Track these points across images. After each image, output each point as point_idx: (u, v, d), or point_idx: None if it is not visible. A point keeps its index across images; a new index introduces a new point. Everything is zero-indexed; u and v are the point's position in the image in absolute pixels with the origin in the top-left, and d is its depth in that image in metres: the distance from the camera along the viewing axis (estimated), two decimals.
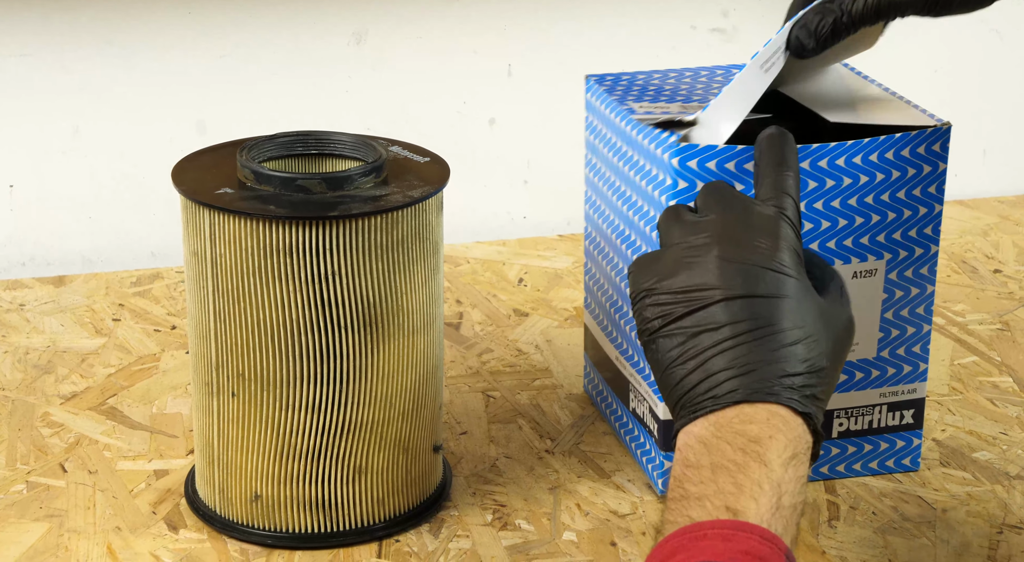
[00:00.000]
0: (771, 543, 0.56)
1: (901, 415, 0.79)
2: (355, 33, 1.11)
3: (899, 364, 0.78)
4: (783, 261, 0.62)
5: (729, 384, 0.60)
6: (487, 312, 1.00)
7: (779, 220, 0.63)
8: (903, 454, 0.80)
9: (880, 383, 0.78)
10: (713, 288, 0.61)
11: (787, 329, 0.60)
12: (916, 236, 0.75)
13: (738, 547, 0.55)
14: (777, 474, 0.58)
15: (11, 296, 1.01)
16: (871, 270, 0.75)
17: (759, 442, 0.58)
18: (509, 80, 1.15)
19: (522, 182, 1.18)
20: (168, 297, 1.01)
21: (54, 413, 0.85)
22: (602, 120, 0.80)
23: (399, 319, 0.71)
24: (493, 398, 0.88)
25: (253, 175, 0.70)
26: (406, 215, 0.70)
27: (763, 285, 0.61)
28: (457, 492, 0.78)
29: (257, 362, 0.70)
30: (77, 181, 1.09)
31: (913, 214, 0.75)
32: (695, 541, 0.56)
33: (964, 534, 0.75)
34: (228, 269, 0.69)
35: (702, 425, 0.60)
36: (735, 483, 0.57)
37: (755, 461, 0.58)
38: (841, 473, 0.79)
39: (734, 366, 0.60)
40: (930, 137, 0.73)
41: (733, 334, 0.60)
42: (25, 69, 1.05)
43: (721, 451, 0.59)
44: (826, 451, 0.78)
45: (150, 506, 0.76)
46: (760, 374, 0.60)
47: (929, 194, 0.75)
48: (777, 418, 0.59)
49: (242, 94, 1.10)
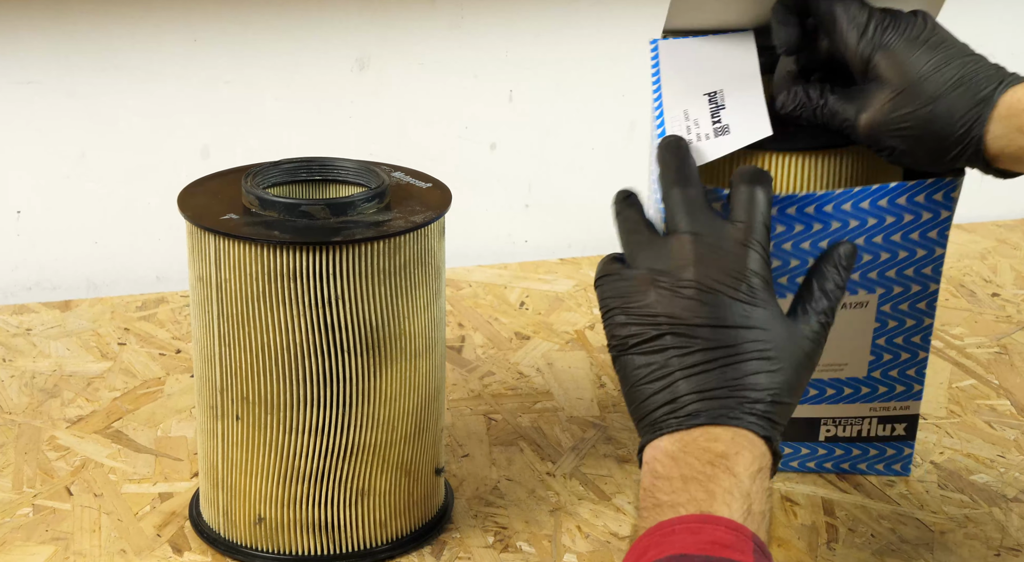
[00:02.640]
0: (737, 531, 0.58)
1: (892, 428, 0.79)
2: (358, 59, 1.12)
3: (891, 384, 0.78)
4: (752, 290, 0.63)
5: (694, 406, 0.62)
6: (489, 335, 1.01)
7: (748, 247, 0.64)
8: (893, 460, 0.80)
9: (870, 398, 0.78)
10: (684, 315, 0.63)
11: (751, 358, 0.62)
12: (913, 275, 0.75)
13: (705, 538, 0.57)
14: (746, 484, 0.60)
15: (18, 320, 1.02)
16: (862, 303, 0.75)
17: (726, 457, 0.61)
18: (510, 105, 1.16)
19: (523, 206, 1.18)
20: (173, 321, 1.02)
21: (60, 437, 0.86)
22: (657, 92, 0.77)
23: (401, 343, 0.71)
24: (495, 421, 0.89)
25: (258, 201, 0.71)
26: (408, 240, 0.70)
27: (731, 315, 0.63)
28: (459, 514, 0.78)
29: (261, 385, 0.70)
30: (83, 206, 1.10)
31: (910, 256, 0.74)
32: (665, 537, 0.58)
33: (962, 556, 0.75)
34: (233, 294, 0.70)
35: (668, 441, 0.62)
36: (707, 491, 0.59)
37: (724, 472, 0.60)
38: (827, 470, 0.80)
39: (700, 390, 0.62)
40: (931, 187, 0.72)
41: (701, 360, 0.62)
42: (32, 96, 1.06)
43: (690, 464, 0.61)
44: (812, 451, 0.79)
45: (155, 529, 0.77)
46: (724, 401, 0.62)
47: (929, 238, 0.74)
48: (742, 437, 0.61)
49: (246, 120, 1.11)
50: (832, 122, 0.71)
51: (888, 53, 0.69)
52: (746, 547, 0.57)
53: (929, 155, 0.69)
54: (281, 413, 0.71)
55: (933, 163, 0.70)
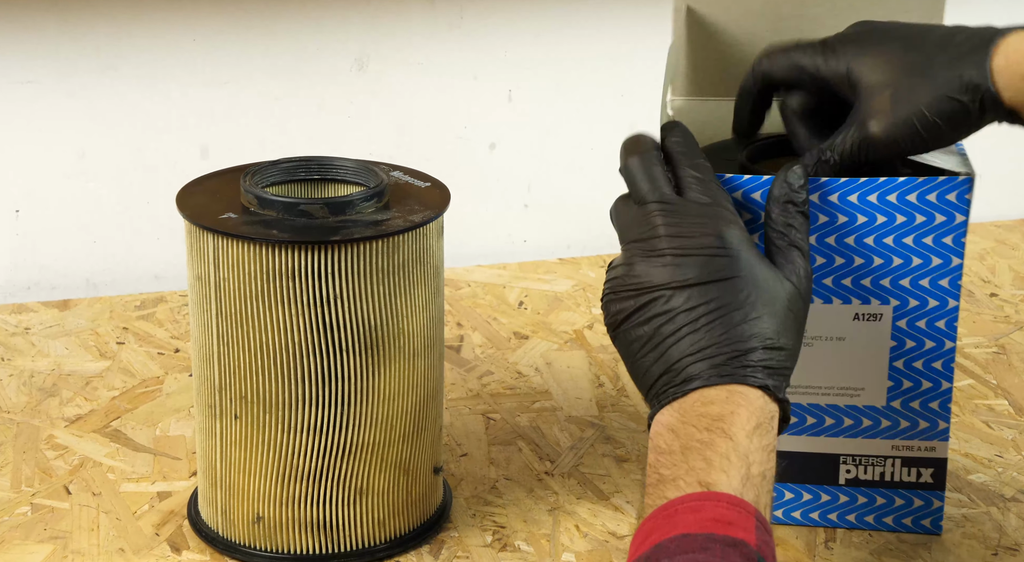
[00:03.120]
0: (739, 507, 0.58)
1: (919, 472, 0.75)
2: (357, 59, 1.12)
3: (914, 418, 0.75)
4: (728, 242, 0.64)
5: (688, 371, 0.63)
6: (487, 335, 1.01)
7: (715, 205, 0.65)
8: (922, 513, 0.76)
9: (892, 434, 0.75)
10: (663, 281, 0.64)
11: (737, 308, 0.63)
12: (929, 286, 0.72)
13: (707, 516, 0.58)
14: (743, 446, 0.60)
15: (16, 320, 1.02)
16: (875, 314, 0.73)
17: (722, 419, 0.61)
18: (509, 105, 1.16)
19: (522, 206, 1.19)
20: (171, 320, 1.02)
21: (58, 436, 0.86)
22: None
23: (400, 342, 0.72)
24: (493, 420, 0.89)
25: (256, 200, 0.71)
26: (407, 239, 0.71)
27: (710, 270, 0.64)
28: (457, 513, 0.78)
29: (260, 384, 0.71)
30: (82, 206, 1.10)
31: (924, 263, 0.72)
32: (667, 519, 0.58)
33: (960, 556, 0.75)
34: (231, 293, 0.70)
35: (668, 413, 0.63)
36: (704, 459, 0.60)
37: (720, 437, 0.61)
38: (851, 523, 0.77)
39: (691, 352, 0.63)
40: (944, 186, 0.70)
41: (687, 320, 0.63)
42: (31, 95, 1.06)
43: (688, 434, 0.61)
44: (833, 498, 0.76)
45: (153, 528, 0.77)
46: (714, 358, 0.62)
47: (944, 244, 0.71)
48: (736, 395, 0.62)
49: (245, 119, 1.11)
50: (859, 156, 0.69)
51: (861, 58, 0.69)
52: (748, 524, 0.58)
53: (951, 128, 0.67)
54: (279, 412, 0.71)
55: (960, 133, 0.68)
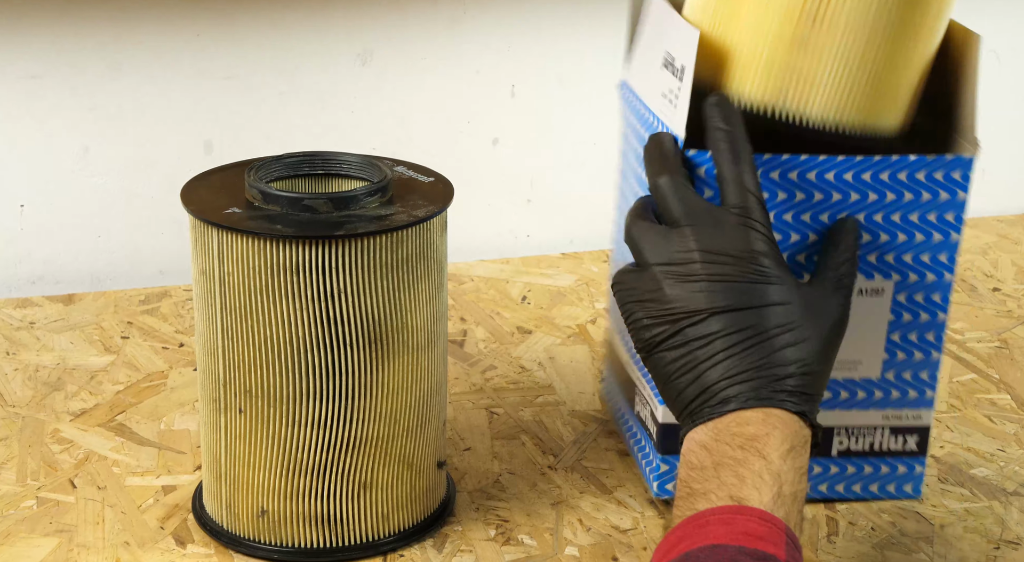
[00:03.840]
0: (770, 523, 0.59)
1: (904, 440, 0.78)
2: (360, 54, 1.12)
3: (904, 388, 0.77)
4: (761, 269, 0.64)
5: (725, 393, 0.63)
6: (490, 329, 1.01)
7: (748, 228, 0.65)
8: (904, 479, 0.79)
9: (884, 405, 0.77)
10: (699, 306, 0.64)
11: (775, 335, 0.63)
12: (929, 261, 0.75)
13: (738, 529, 0.58)
14: (776, 465, 0.61)
15: (21, 314, 1.02)
16: (878, 289, 0.75)
17: (757, 439, 0.61)
18: (512, 100, 1.16)
19: (525, 201, 1.19)
20: (176, 315, 1.02)
21: (63, 430, 0.86)
22: (631, 127, 0.81)
23: (403, 336, 0.72)
24: (496, 415, 0.89)
25: (261, 195, 0.71)
26: (410, 234, 0.71)
27: (745, 297, 0.64)
28: (461, 507, 0.79)
29: (264, 379, 0.71)
30: (86, 201, 1.10)
31: (927, 239, 0.74)
32: (698, 528, 0.59)
33: (962, 550, 0.76)
34: (236, 287, 0.70)
35: (702, 431, 0.63)
36: (737, 475, 0.60)
37: (754, 455, 0.61)
38: (839, 493, 0.79)
39: (728, 376, 0.63)
40: (950, 165, 0.72)
41: (725, 346, 0.63)
42: (35, 90, 1.07)
43: (721, 451, 0.61)
44: (825, 469, 0.79)
45: (158, 521, 0.77)
46: (753, 382, 0.63)
47: (945, 221, 0.74)
48: (773, 417, 0.62)
49: (249, 114, 1.11)
50: None
51: None
52: (779, 539, 0.58)
53: None
54: (284, 406, 0.71)
55: None
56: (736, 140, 0.68)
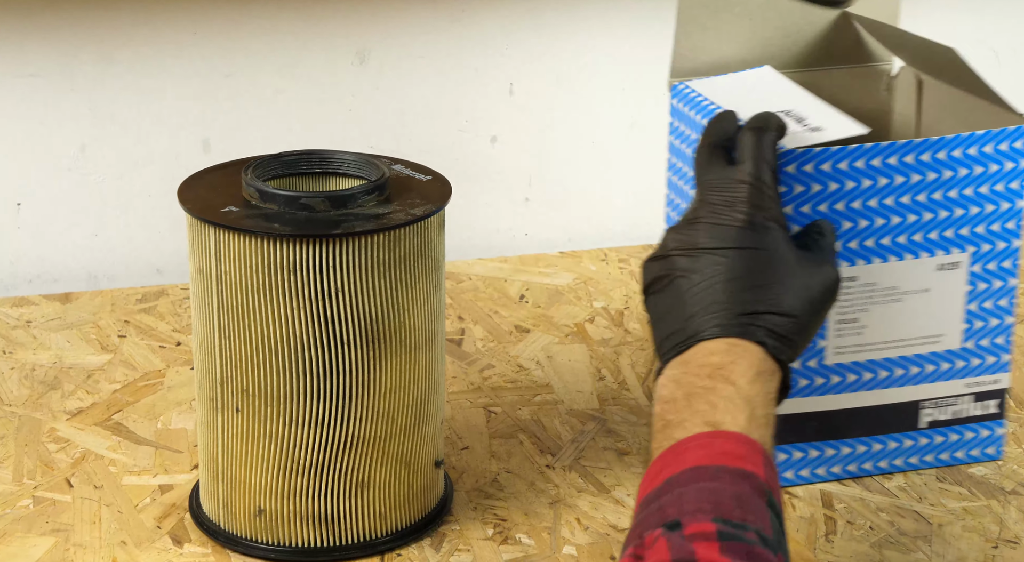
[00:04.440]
0: (747, 444, 0.60)
1: (986, 405, 0.81)
2: (358, 53, 1.12)
3: (983, 355, 0.81)
4: (747, 218, 0.67)
5: (695, 327, 0.65)
6: (489, 328, 1.01)
7: (744, 182, 0.68)
8: (987, 443, 0.82)
9: (965, 373, 0.81)
10: (684, 246, 0.67)
11: (757, 277, 0.66)
12: (999, 230, 0.79)
13: (716, 450, 0.60)
14: (745, 390, 0.63)
15: (18, 313, 1.02)
16: (954, 263, 0.79)
17: (723, 367, 0.63)
18: (511, 98, 1.16)
19: (523, 199, 1.19)
20: (173, 314, 1.02)
21: (60, 429, 0.86)
22: (692, 126, 0.83)
23: (401, 335, 0.72)
24: (494, 413, 0.89)
25: (258, 193, 0.71)
26: (408, 233, 0.71)
27: (726, 240, 0.67)
28: (458, 507, 0.79)
29: (261, 378, 0.71)
30: (83, 199, 1.10)
31: (996, 209, 0.78)
32: (677, 456, 0.60)
33: (960, 549, 0.76)
34: (233, 286, 0.70)
35: (672, 366, 0.65)
36: (709, 403, 0.62)
37: (722, 382, 0.63)
38: (928, 463, 0.82)
39: (697, 314, 0.65)
40: (1013, 135, 0.77)
41: (699, 281, 0.66)
42: (33, 88, 1.06)
43: (690, 382, 0.63)
44: (914, 442, 0.81)
45: (155, 521, 0.77)
46: (723, 315, 0.65)
47: (1011, 190, 0.78)
48: (737, 347, 0.64)
49: (247, 113, 1.11)
50: None
51: None
52: (756, 459, 0.60)
53: None
54: (281, 405, 0.71)
55: None
56: (769, 117, 0.72)
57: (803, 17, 0.87)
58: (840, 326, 0.79)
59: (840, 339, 0.79)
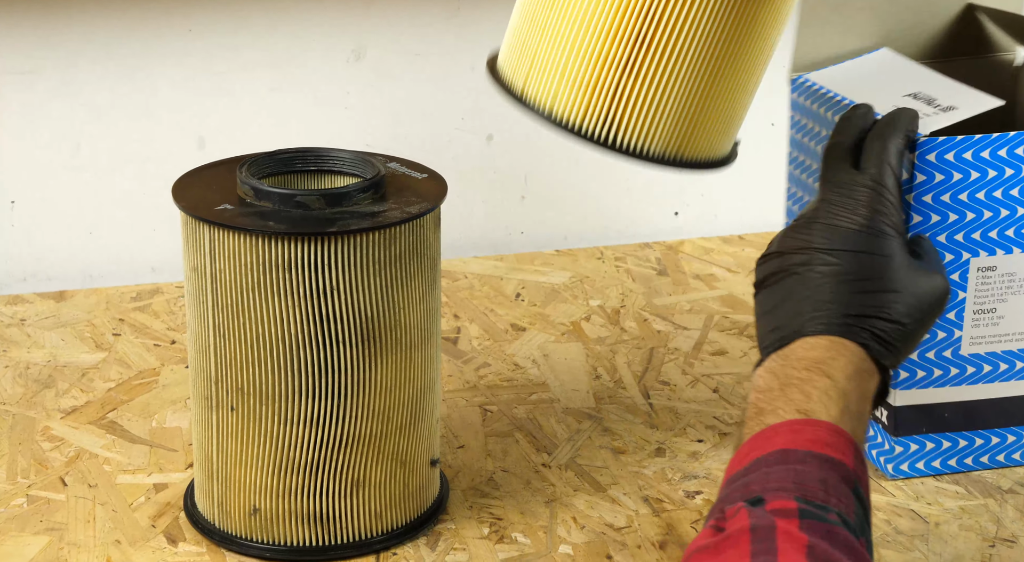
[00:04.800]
0: (838, 434, 0.61)
1: None
2: (354, 50, 1.12)
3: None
4: (869, 223, 0.68)
5: (797, 321, 0.66)
6: (484, 327, 1.00)
7: (877, 190, 0.69)
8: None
9: None
10: (802, 245, 0.68)
11: (860, 278, 0.67)
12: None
13: (807, 437, 0.61)
14: (842, 385, 0.63)
15: (12, 311, 1.02)
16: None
17: (823, 362, 0.64)
18: None
19: (519, 198, 1.18)
20: (168, 312, 1.02)
21: (54, 427, 0.86)
22: (814, 118, 0.83)
23: (397, 334, 0.71)
24: (490, 412, 0.89)
25: (253, 191, 0.71)
26: (404, 231, 0.70)
27: (843, 242, 0.68)
28: (454, 505, 0.78)
29: (256, 376, 0.70)
30: (78, 197, 1.10)
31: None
32: (767, 440, 0.61)
33: (957, 548, 0.75)
34: (227, 284, 0.70)
35: (771, 360, 0.66)
36: (803, 393, 0.63)
37: (820, 375, 0.64)
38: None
39: (805, 307, 0.66)
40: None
41: (811, 279, 0.67)
42: (27, 86, 1.06)
43: (787, 374, 0.64)
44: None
45: (149, 519, 0.76)
46: (827, 313, 0.66)
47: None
48: (838, 344, 0.65)
49: (241, 110, 1.10)
50: None
51: None
52: (847, 449, 0.61)
53: None
54: (276, 404, 0.71)
55: None
56: (899, 119, 0.72)
57: (926, 8, 0.87)
58: (977, 316, 0.78)
59: (976, 329, 0.79)
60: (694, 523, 0.77)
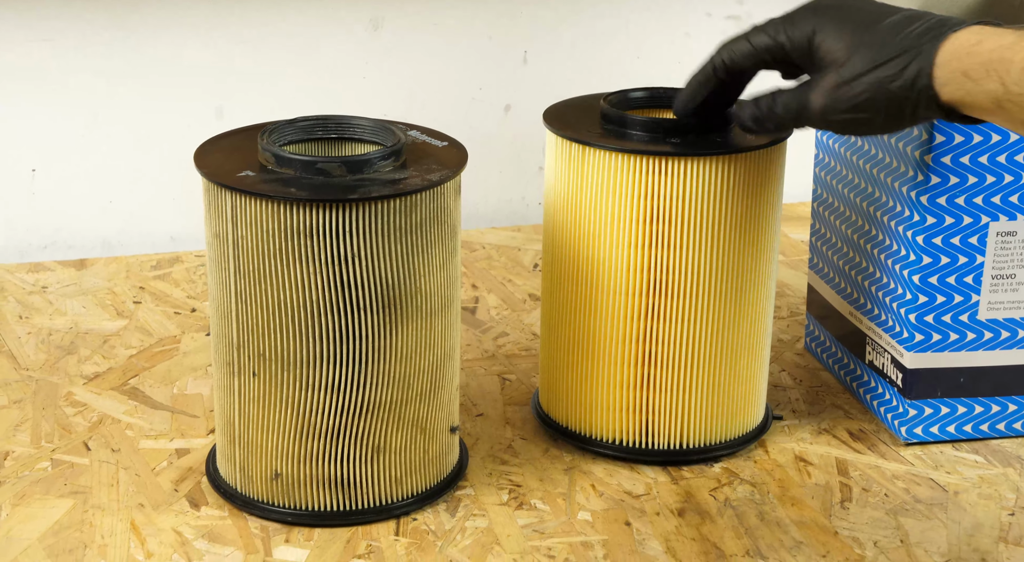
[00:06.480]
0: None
1: None
2: (372, 19, 1.11)
3: None
4: None
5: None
6: (502, 296, 1.01)
7: None
8: None
9: None
10: None
11: None
12: None
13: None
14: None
15: (34, 278, 1.02)
16: None
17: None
18: (524, 66, 1.15)
19: (537, 168, 1.18)
20: (188, 280, 1.02)
21: (77, 393, 0.86)
22: (836, 158, 0.84)
23: (417, 301, 0.72)
24: (509, 381, 0.89)
25: (274, 158, 0.71)
26: (424, 198, 0.71)
27: None
28: (473, 472, 0.79)
29: (277, 342, 0.71)
30: (98, 166, 1.10)
31: None
32: None
33: (975, 516, 0.76)
34: (249, 251, 0.70)
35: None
36: None
37: None
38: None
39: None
40: None
41: None
42: (47, 54, 1.06)
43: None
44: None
45: (172, 484, 0.77)
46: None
47: None
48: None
49: (260, 80, 1.11)
50: (793, 120, 0.71)
51: (820, 32, 0.70)
52: None
53: (887, 118, 0.69)
54: (297, 370, 0.71)
55: (896, 125, 0.69)
56: None
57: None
58: (996, 281, 0.78)
59: (995, 295, 0.78)
60: (712, 491, 0.77)
